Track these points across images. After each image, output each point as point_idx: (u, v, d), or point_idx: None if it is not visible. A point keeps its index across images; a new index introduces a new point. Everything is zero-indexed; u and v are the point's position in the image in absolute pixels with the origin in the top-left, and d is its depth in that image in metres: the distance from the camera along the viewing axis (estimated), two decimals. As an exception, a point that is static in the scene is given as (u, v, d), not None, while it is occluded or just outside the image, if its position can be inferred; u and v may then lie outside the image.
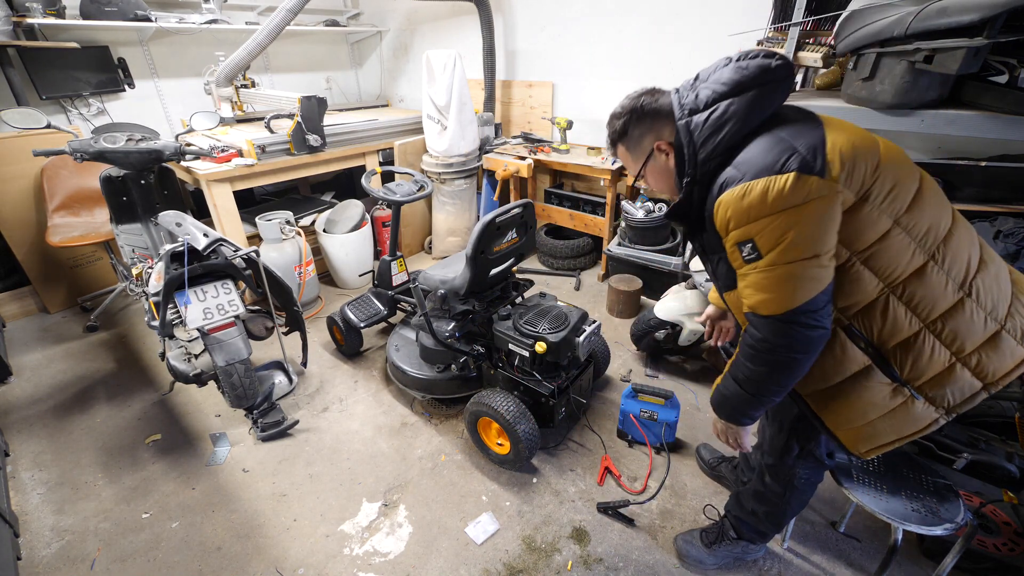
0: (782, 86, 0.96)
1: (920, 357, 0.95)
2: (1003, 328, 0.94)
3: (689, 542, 1.60)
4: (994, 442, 1.61)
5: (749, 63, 0.95)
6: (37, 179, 2.87)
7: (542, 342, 1.76)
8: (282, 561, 1.66)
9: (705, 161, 0.98)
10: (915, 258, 0.93)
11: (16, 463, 2.05)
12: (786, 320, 0.92)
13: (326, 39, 4.48)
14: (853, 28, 1.86)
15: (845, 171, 0.88)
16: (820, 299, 0.90)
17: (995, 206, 2.11)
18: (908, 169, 0.96)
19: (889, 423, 1.00)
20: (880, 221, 0.91)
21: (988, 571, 1.51)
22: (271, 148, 2.90)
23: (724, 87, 0.95)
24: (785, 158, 0.88)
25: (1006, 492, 1.58)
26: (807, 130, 0.92)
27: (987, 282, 0.96)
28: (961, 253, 0.95)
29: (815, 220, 0.87)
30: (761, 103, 0.94)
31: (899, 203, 0.92)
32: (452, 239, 3.70)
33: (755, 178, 0.89)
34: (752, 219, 0.90)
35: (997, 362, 0.95)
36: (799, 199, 0.86)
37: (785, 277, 0.90)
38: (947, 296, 0.94)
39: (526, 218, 1.98)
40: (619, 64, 3.27)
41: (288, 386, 2.44)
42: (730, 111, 0.94)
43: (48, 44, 2.91)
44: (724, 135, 0.95)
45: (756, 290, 0.94)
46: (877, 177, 0.91)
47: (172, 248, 1.81)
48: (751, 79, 0.94)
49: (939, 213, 0.96)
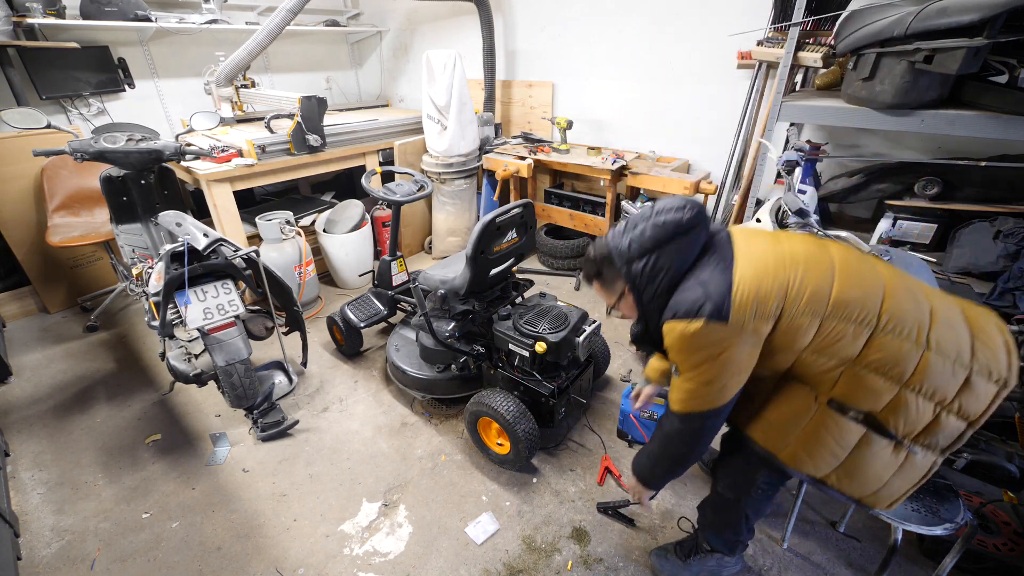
0: (697, 232, 1.13)
1: (908, 414, 1.04)
2: (972, 372, 1.03)
3: (663, 556, 1.59)
4: (994, 442, 1.60)
5: (666, 219, 1.12)
6: (37, 179, 2.87)
7: (542, 342, 1.76)
8: (282, 561, 1.66)
9: (650, 302, 1.17)
10: (860, 335, 1.04)
11: (16, 463, 2.05)
12: (684, 420, 1.18)
13: (326, 39, 4.48)
14: (853, 28, 1.86)
15: (751, 310, 1.04)
16: (712, 413, 1.14)
17: (995, 206, 2.11)
18: (821, 265, 1.08)
19: (901, 478, 1.10)
20: (807, 324, 1.04)
21: (988, 571, 1.51)
22: (271, 148, 2.90)
23: (649, 243, 1.13)
24: (699, 306, 1.05)
25: (1006, 492, 1.59)
26: (720, 272, 1.08)
27: (942, 331, 1.04)
28: (905, 314, 1.04)
29: (720, 358, 1.07)
30: (682, 251, 1.13)
31: (817, 303, 1.04)
32: (452, 239, 3.70)
33: (678, 319, 1.08)
34: (675, 349, 1.12)
35: (975, 404, 1.03)
36: (706, 342, 1.06)
37: (692, 390, 1.13)
38: (910, 356, 1.02)
39: (526, 218, 1.98)
40: (619, 64, 3.27)
41: (288, 386, 2.44)
42: (659, 264, 1.13)
43: (48, 44, 2.91)
44: (659, 283, 1.14)
45: (673, 393, 1.20)
46: (786, 296, 1.04)
47: (172, 248, 1.81)
48: (669, 235, 1.12)
49: (864, 289, 1.06)
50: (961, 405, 1.03)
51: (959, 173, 2.19)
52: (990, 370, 1.03)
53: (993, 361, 1.04)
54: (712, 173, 3.07)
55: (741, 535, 1.43)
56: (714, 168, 3.08)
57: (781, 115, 2.11)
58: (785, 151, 1.87)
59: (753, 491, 1.31)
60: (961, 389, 1.02)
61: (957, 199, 2.20)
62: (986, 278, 2.03)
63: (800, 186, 2.42)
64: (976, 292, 1.99)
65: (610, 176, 3.05)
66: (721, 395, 1.11)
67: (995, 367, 1.04)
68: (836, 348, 1.05)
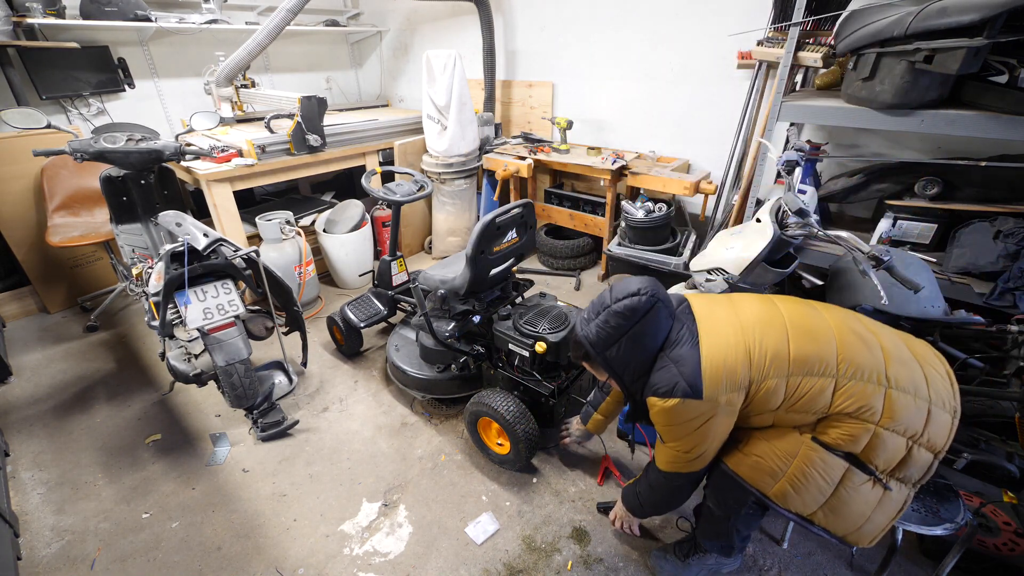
0: (657, 311, 1.19)
1: (886, 450, 1.09)
2: (931, 403, 1.09)
3: (663, 557, 1.60)
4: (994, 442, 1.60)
5: (625, 304, 1.19)
6: (37, 179, 2.87)
7: (542, 342, 1.76)
8: (282, 561, 1.66)
9: (632, 383, 1.25)
10: (826, 387, 1.10)
11: (16, 463, 2.05)
12: (666, 477, 1.33)
13: (326, 39, 4.48)
14: (853, 28, 1.86)
15: (722, 384, 1.12)
16: (691, 476, 1.28)
17: (995, 206, 2.11)
18: (775, 327, 1.16)
19: (881, 513, 1.14)
20: (775, 385, 1.12)
21: (988, 571, 1.51)
22: (271, 148, 2.90)
23: (614, 331, 1.20)
24: (672, 384, 1.14)
25: (1006, 492, 1.58)
26: (687, 355, 1.15)
27: (897, 368, 1.11)
28: (861, 358, 1.11)
29: (696, 431, 1.16)
30: (647, 333, 1.19)
31: (780, 364, 1.12)
32: (452, 239, 3.70)
33: (656, 396, 1.17)
34: (658, 422, 1.22)
35: (939, 435, 1.09)
36: (682, 418, 1.16)
37: (674, 458, 1.26)
38: (875, 396, 1.08)
39: (526, 218, 1.98)
40: (619, 64, 3.27)
41: (288, 386, 2.44)
42: (627, 349, 1.20)
43: (48, 44, 2.91)
44: (633, 366, 1.22)
45: (658, 453, 1.33)
46: (751, 363, 1.12)
47: (172, 248, 1.81)
48: (630, 320, 1.19)
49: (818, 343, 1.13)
50: (929, 437, 1.09)
51: (959, 173, 2.19)
52: (943, 400, 1.10)
53: (944, 392, 1.11)
54: (712, 173, 3.07)
55: (734, 543, 1.43)
56: (714, 168, 3.08)
57: (781, 115, 2.11)
58: (785, 151, 1.87)
59: (742, 510, 1.32)
60: (927, 422, 1.08)
61: (957, 199, 2.20)
62: (986, 278, 2.02)
63: (800, 186, 2.42)
64: (976, 292, 1.99)
65: (610, 176, 3.05)
66: (699, 462, 1.24)
67: (946, 398, 1.11)
68: (806, 403, 1.11)
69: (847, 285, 1.80)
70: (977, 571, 1.52)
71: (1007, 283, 1.91)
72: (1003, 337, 1.74)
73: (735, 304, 1.25)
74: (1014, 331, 1.69)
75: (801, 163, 1.84)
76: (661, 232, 2.93)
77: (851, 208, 2.69)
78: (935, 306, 1.78)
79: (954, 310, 1.88)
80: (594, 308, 1.26)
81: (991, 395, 1.61)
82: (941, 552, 1.51)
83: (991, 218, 2.09)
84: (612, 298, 1.22)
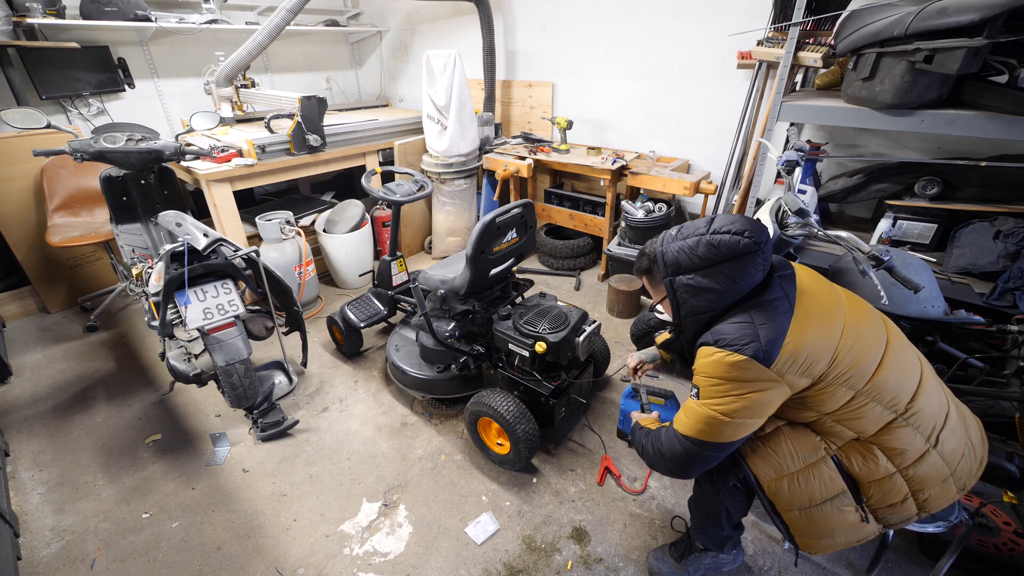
0: (753, 260, 1.07)
1: (889, 492, 1.11)
2: (953, 478, 1.10)
3: (660, 559, 1.59)
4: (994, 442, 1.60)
5: (721, 239, 1.08)
6: (37, 179, 2.87)
7: (542, 342, 1.76)
8: (282, 561, 1.66)
9: (687, 316, 1.16)
10: (883, 418, 1.08)
11: (16, 463, 2.05)
12: (684, 443, 1.15)
13: (326, 39, 4.48)
14: (853, 28, 1.86)
15: (795, 367, 1.04)
16: (716, 447, 1.11)
17: (995, 206, 2.11)
18: (874, 343, 1.10)
19: (845, 536, 1.15)
20: (840, 394, 1.07)
21: (988, 571, 1.51)
22: (271, 148, 2.90)
23: (699, 259, 1.10)
24: (745, 342, 1.04)
25: (1006, 492, 1.58)
26: (776, 321, 1.05)
27: (950, 435, 1.10)
28: (929, 410, 1.09)
29: (747, 397, 1.05)
30: (732, 276, 1.08)
31: (858, 379, 1.06)
32: (452, 239, 3.70)
33: (717, 346, 1.07)
34: (705, 374, 1.10)
35: (938, 502, 1.10)
36: (742, 377, 1.04)
37: (704, 417, 1.10)
38: (918, 448, 1.08)
39: (526, 218, 1.98)
40: (619, 64, 3.27)
41: (288, 386, 2.44)
42: (705, 283, 1.10)
43: (48, 44, 2.91)
44: (701, 302, 1.12)
45: (683, 413, 1.17)
46: (834, 364, 1.05)
47: (172, 248, 1.81)
48: (721, 257, 1.08)
49: (902, 379, 1.09)
50: (929, 498, 1.10)
51: (959, 173, 2.19)
52: (964, 482, 1.11)
53: (967, 474, 1.12)
54: (712, 173, 3.07)
55: (723, 529, 1.41)
56: (714, 168, 3.08)
57: (781, 115, 2.11)
58: (785, 151, 1.87)
59: (731, 481, 1.29)
60: (938, 489, 1.09)
61: (957, 199, 2.20)
62: (986, 278, 2.03)
63: (800, 186, 2.43)
64: (976, 292, 1.99)
65: (610, 176, 3.05)
66: (734, 431, 1.09)
67: (967, 480, 1.11)
68: (857, 423, 1.09)
69: (847, 285, 1.80)
70: (977, 571, 1.52)
71: (1007, 283, 1.91)
72: (1003, 337, 1.74)
73: (851, 301, 1.17)
74: (1014, 331, 1.69)
75: (801, 163, 1.84)
76: (661, 232, 2.92)
77: (851, 208, 2.70)
78: (935, 306, 1.78)
79: (954, 310, 1.88)
80: (686, 229, 1.15)
81: (991, 395, 1.62)
82: (940, 551, 1.51)
83: (991, 218, 2.09)
84: (711, 228, 1.10)
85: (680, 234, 1.16)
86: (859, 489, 1.13)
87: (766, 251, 1.08)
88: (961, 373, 1.76)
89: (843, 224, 2.59)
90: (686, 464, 1.17)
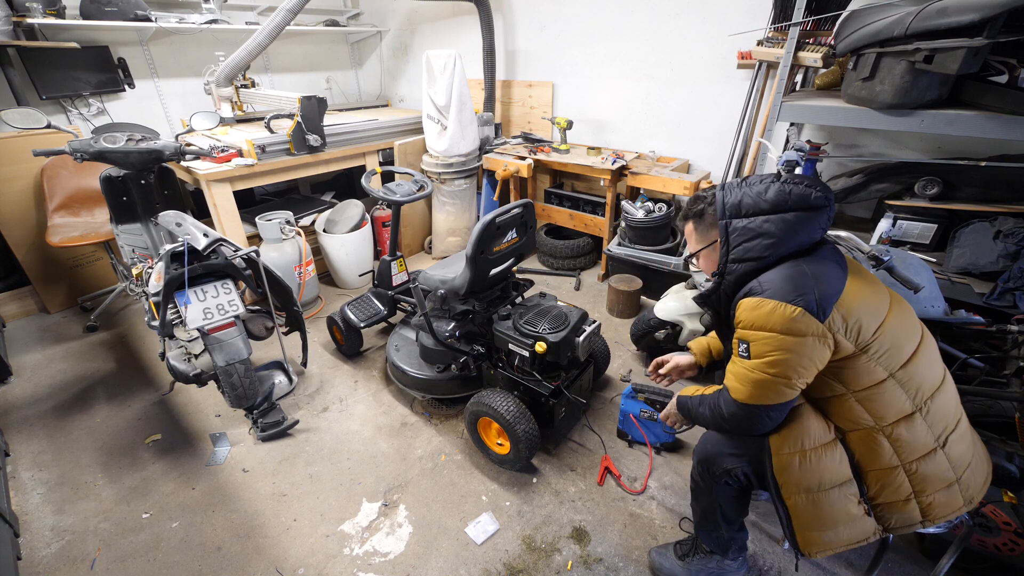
0: (818, 216, 1.07)
1: (891, 487, 1.10)
2: (959, 484, 1.10)
3: (662, 555, 1.59)
4: (994, 442, 1.60)
5: (793, 188, 1.08)
6: (37, 179, 2.87)
7: (542, 342, 1.76)
8: (282, 561, 1.66)
9: (733, 262, 1.13)
10: (904, 406, 1.08)
11: (16, 463, 2.05)
12: (744, 409, 1.13)
13: (326, 39, 4.48)
14: (853, 28, 1.86)
15: (846, 326, 1.03)
16: (776, 407, 1.10)
17: (995, 206, 2.11)
18: (910, 332, 1.11)
19: (846, 532, 1.13)
20: (875, 371, 1.07)
21: (988, 571, 1.51)
22: (271, 148, 2.90)
23: (766, 204, 1.09)
24: (799, 294, 1.02)
25: (1006, 492, 1.58)
26: (831, 278, 1.05)
27: (958, 439, 1.12)
28: (946, 411, 1.10)
29: (799, 352, 1.03)
30: (794, 227, 1.07)
31: (894, 360, 1.07)
32: (452, 239, 3.70)
33: (770, 297, 1.04)
34: (755, 327, 1.07)
35: (942, 510, 1.10)
36: (795, 330, 1.02)
37: (759, 382, 1.09)
38: (926, 446, 1.09)
39: (526, 218, 1.98)
40: (619, 64, 3.27)
41: (288, 386, 2.44)
42: (765, 227, 1.08)
43: (48, 44, 2.91)
44: (756, 246, 1.09)
45: (736, 379, 1.14)
46: (877, 336, 1.05)
47: (172, 248, 1.81)
48: (790, 204, 1.07)
49: (930, 374, 1.11)
50: (932, 502, 1.09)
51: (959, 173, 2.19)
52: (972, 496, 1.11)
53: (976, 489, 1.12)
54: (712, 173, 3.07)
55: (721, 529, 1.40)
56: (714, 168, 3.08)
57: (781, 115, 2.11)
58: (785, 151, 1.87)
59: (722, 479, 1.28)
60: (942, 489, 1.10)
61: (957, 199, 2.20)
62: (986, 278, 2.03)
63: (800, 186, 2.42)
64: (976, 292, 1.99)
65: (610, 176, 3.05)
66: (789, 388, 1.07)
67: (976, 494, 1.12)
68: (878, 407, 1.08)
69: (847, 285, 1.80)
70: (977, 571, 1.52)
71: (1007, 283, 1.91)
72: (1003, 337, 1.74)
73: (892, 293, 1.17)
74: (1014, 331, 1.69)
75: (801, 163, 1.85)
76: (661, 232, 2.93)
77: (851, 208, 2.70)
78: (935, 306, 1.78)
79: (954, 310, 1.89)
80: (755, 178, 1.15)
81: (991, 395, 1.62)
82: (941, 551, 1.51)
83: (991, 218, 2.09)
84: (783, 179, 1.11)
85: (744, 183, 1.15)
86: (863, 480, 1.13)
87: (831, 211, 1.08)
88: (961, 373, 1.77)
89: (843, 224, 2.59)
90: (749, 427, 1.16)
